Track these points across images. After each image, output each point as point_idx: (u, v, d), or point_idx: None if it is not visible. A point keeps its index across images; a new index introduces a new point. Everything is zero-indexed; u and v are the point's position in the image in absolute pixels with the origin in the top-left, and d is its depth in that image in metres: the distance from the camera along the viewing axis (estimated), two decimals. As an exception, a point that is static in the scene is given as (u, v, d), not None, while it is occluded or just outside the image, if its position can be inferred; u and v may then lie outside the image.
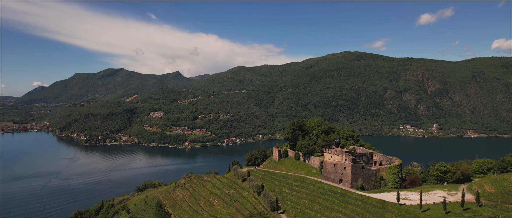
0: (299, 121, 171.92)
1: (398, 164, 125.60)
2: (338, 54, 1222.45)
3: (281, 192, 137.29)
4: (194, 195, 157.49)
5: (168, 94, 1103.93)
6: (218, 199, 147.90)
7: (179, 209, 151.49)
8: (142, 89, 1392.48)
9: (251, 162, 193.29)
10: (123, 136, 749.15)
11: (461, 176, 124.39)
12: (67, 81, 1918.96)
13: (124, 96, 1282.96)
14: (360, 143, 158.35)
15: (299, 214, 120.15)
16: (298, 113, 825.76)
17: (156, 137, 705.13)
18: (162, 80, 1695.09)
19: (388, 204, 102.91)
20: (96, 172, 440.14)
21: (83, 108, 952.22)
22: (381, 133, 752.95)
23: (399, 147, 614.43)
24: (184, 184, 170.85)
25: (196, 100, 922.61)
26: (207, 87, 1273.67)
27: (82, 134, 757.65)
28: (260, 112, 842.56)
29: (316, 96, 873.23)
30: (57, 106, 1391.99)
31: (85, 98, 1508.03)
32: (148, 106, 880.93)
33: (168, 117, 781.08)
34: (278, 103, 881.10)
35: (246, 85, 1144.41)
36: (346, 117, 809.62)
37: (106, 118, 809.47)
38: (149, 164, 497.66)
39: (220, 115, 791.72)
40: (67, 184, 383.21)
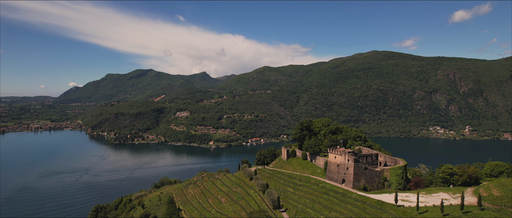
0: (307, 121, 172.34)
1: (402, 165, 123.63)
2: (366, 53, 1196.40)
3: (285, 191, 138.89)
4: (204, 193, 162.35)
5: (194, 94, 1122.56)
6: (226, 197, 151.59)
7: (189, 206, 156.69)
8: (170, 89, 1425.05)
9: (261, 161, 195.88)
10: (151, 135, 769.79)
11: (468, 179, 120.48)
12: (99, 81, 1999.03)
13: (152, 96, 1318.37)
14: (368, 144, 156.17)
15: (299, 213, 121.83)
16: (323, 113, 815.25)
17: (182, 136, 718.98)
18: (189, 80, 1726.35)
19: (387, 205, 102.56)
20: (123, 170, 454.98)
21: (113, 107, 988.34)
22: (409, 134, 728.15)
23: (428, 149, 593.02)
24: (196, 182, 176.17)
25: (222, 100, 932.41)
26: (233, 87, 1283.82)
27: (111, 132, 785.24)
28: (284, 112, 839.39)
29: (342, 97, 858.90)
30: (90, 106, 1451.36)
31: (116, 98, 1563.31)
32: (175, 106, 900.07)
33: (193, 116, 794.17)
34: (303, 104, 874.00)
35: (271, 85, 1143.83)
36: (373, 118, 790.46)
37: (135, 117, 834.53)
38: (174, 162, 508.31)
39: (245, 115, 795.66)
40: (96, 180, 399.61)
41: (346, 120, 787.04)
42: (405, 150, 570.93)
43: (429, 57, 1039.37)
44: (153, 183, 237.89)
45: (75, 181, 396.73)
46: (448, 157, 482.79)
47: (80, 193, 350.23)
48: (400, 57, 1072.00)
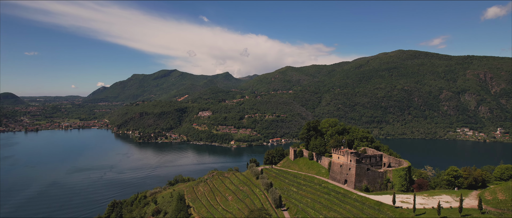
0: (314, 121, 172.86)
1: (406, 166, 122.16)
2: (390, 53, 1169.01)
3: (289, 190, 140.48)
4: (213, 190, 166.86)
5: (217, 94, 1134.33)
6: (233, 195, 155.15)
7: (198, 203, 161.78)
8: (193, 89, 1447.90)
9: (269, 161, 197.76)
10: (173, 134, 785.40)
11: (473, 181, 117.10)
12: (125, 81, 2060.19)
13: (176, 96, 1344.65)
14: (375, 144, 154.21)
15: (299, 212, 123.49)
16: (346, 114, 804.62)
17: (203, 135, 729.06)
18: (212, 80, 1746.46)
19: (384, 206, 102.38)
20: (145, 168, 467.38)
21: (138, 107, 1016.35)
22: (435, 136, 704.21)
23: (454, 151, 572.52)
24: (206, 180, 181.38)
25: (243, 100, 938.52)
26: (255, 87, 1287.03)
27: (136, 131, 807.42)
28: (306, 113, 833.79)
29: (365, 97, 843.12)
30: (116, 105, 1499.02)
31: (141, 97, 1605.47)
32: (198, 105, 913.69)
33: (215, 116, 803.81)
34: (325, 104, 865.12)
35: (293, 86, 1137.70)
36: (397, 119, 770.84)
37: (158, 116, 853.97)
38: (195, 161, 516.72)
39: (266, 115, 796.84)
40: (119, 177, 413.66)
41: (369, 121, 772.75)
42: (428, 152, 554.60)
43: (457, 56, 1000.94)
44: (168, 181, 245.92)
45: (100, 177, 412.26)
46: (476, 159, 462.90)
47: (104, 189, 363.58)
48: (426, 56, 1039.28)
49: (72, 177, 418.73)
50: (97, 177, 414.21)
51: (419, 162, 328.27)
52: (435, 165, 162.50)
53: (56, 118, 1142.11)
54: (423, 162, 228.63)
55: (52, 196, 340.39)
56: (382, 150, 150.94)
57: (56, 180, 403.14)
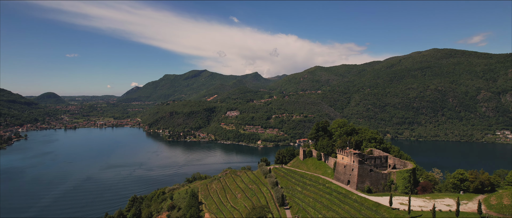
0: (322, 122, 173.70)
1: (410, 168, 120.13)
2: (424, 52, 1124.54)
3: (294, 189, 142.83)
4: (224, 188, 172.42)
5: (245, 94, 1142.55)
6: (242, 193, 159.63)
7: (210, 199, 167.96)
8: (222, 89, 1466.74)
9: (279, 160, 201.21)
10: (202, 133, 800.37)
11: (480, 185, 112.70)
12: (157, 81, 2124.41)
13: (205, 96, 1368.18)
14: (383, 146, 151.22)
15: (300, 211, 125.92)
16: (375, 114, 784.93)
17: (231, 135, 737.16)
18: (241, 80, 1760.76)
19: (382, 207, 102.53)
20: (173, 165, 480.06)
21: (168, 106, 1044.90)
22: (471, 139, 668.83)
23: (493, 156, 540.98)
24: (220, 178, 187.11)
25: (271, 100, 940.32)
26: (283, 87, 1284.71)
27: (166, 130, 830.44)
28: (334, 113, 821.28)
29: (396, 97, 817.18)
30: (149, 105, 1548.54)
31: (172, 97, 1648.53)
32: (226, 105, 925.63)
33: (243, 116, 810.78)
34: (354, 104, 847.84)
35: (322, 86, 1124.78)
36: (429, 120, 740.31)
37: (188, 116, 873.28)
38: (221, 160, 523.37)
39: (294, 115, 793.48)
40: (147, 174, 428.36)
41: (400, 122, 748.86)
42: (463, 156, 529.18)
43: (499, 54, 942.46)
44: (186, 178, 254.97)
45: (129, 174, 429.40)
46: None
47: (132, 185, 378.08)
48: (463, 55, 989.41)
49: (105, 173, 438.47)
50: (127, 174, 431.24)
51: (451, 165, 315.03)
52: (469, 168, 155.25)
53: (92, 117, 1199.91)
54: (456, 166, 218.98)
55: (86, 191, 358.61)
56: (391, 151, 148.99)
57: (90, 175, 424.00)
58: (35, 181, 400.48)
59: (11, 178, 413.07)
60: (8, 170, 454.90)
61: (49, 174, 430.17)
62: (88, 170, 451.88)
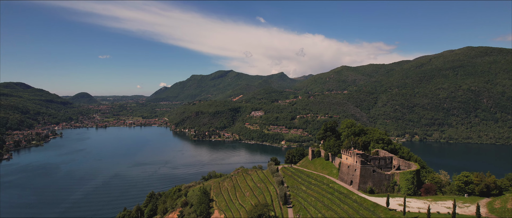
0: (330, 122, 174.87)
1: (413, 170, 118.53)
2: (457, 50, 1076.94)
3: (298, 188, 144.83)
4: (235, 186, 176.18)
5: (270, 94, 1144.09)
6: (250, 191, 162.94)
7: (220, 197, 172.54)
8: (248, 89, 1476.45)
9: (289, 160, 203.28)
10: (227, 133, 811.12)
11: (485, 188, 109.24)
12: (184, 82, 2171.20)
13: (231, 96, 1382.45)
14: (391, 147, 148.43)
15: (301, 210, 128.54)
16: (403, 115, 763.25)
17: (255, 135, 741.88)
18: (267, 80, 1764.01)
19: (379, 208, 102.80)
20: (198, 164, 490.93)
21: (194, 106, 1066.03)
22: (507, 141, 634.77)
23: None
24: (232, 176, 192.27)
25: (296, 101, 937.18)
26: (309, 87, 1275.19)
27: (192, 129, 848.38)
28: (360, 114, 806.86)
29: (425, 98, 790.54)
30: (176, 104, 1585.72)
31: (199, 97, 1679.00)
32: (251, 105, 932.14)
33: (267, 116, 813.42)
34: (381, 105, 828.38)
35: (348, 86, 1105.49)
36: (461, 122, 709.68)
37: (213, 116, 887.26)
38: (244, 160, 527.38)
39: (318, 115, 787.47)
40: (172, 172, 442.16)
41: (429, 123, 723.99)
42: (498, 160, 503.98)
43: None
44: (202, 176, 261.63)
45: (154, 172, 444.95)
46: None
47: (157, 182, 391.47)
48: (500, 53, 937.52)
49: (132, 170, 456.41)
50: (153, 171, 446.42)
51: (484, 169, 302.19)
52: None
53: (122, 116, 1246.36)
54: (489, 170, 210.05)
55: (113, 187, 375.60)
56: (400, 153, 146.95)
57: (118, 172, 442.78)
58: (68, 176, 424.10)
59: (47, 173, 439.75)
60: (45, 165, 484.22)
61: (80, 170, 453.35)
62: (116, 167, 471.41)
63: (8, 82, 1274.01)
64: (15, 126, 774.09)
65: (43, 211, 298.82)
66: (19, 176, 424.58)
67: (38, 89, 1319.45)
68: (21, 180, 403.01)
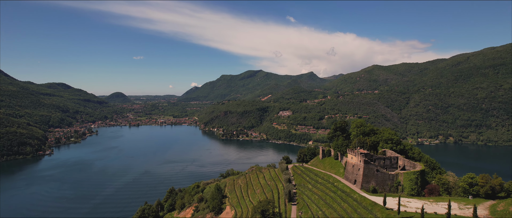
0: (340, 122, 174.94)
1: (417, 170, 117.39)
2: (499, 47, 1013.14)
3: (305, 186, 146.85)
4: (248, 184, 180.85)
5: (299, 94, 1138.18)
6: (261, 188, 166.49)
7: (233, 194, 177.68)
8: (277, 89, 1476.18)
9: (301, 159, 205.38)
10: (254, 132, 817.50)
11: (490, 190, 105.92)
12: (214, 82, 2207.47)
13: (260, 96, 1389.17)
14: (400, 147, 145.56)
15: (304, 207, 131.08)
16: (437, 116, 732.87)
17: (282, 135, 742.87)
18: (296, 80, 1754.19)
19: (377, 207, 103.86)
20: (224, 163, 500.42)
21: (223, 106, 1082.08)
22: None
23: None
24: (246, 174, 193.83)
25: (325, 100, 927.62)
26: (339, 87, 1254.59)
27: (220, 129, 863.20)
28: (391, 114, 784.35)
29: (461, 98, 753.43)
30: (206, 104, 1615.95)
31: (228, 97, 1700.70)
32: (279, 105, 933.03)
33: (295, 116, 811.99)
34: (413, 105, 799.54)
35: (380, 85, 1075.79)
36: (502, 123, 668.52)
37: (241, 115, 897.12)
38: (270, 159, 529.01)
39: (347, 116, 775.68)
40: (199, 170, 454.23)
41: (465, 124, 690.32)
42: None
43: None
44: (220, 173, 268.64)
45: (182, 169, 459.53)
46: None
47: (184, 179, 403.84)
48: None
49: (161, 168, 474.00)
50: (180, 169, 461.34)
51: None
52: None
53: (154, 115, 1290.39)
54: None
55: (142, 183, 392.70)
56: (410, 153, 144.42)
57: (148, 169, 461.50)
58: (101, 172, 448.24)
59: (83, 168, 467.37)
60: (81, 161, 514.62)
61: (113, 167, 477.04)
62: (146, 165, 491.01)
63: (51, 83, 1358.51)
64: (56, 124, 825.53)
65: (78, 204, 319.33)
66: (58, 170, 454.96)
67: (77, 89, 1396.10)
68: (60, 174, 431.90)
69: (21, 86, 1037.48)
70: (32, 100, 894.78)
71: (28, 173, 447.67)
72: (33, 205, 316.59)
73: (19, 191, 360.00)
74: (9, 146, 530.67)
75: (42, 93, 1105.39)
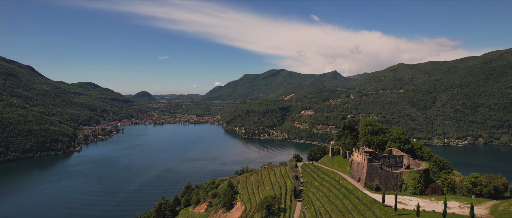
0: (349, 121, 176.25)
1: (421, 169, 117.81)
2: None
3: (312, 184, 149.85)
4: (259, 180, 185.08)
5: (322, 93, 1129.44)
6: (270, 185, 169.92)
7: (245, 190, 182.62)
8: (299, 88, 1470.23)
9: (311, 157, 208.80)
10: (276, 131, 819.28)
11: (493, 190, 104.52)
12: (237, 81, 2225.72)
13: (282, 95, 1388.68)
14: (408, 146, 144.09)
15: (308, 203, 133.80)
16: (465, 116, 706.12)
17: (304, 134, 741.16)
18: (319, 79, 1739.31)
19: (376, 204, 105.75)
20: (244, 161, 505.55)
21: (245, 105, 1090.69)
22: None
23: None
24: (259, 171, 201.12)
25: (347, 100, 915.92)
26: (362, 86, 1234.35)
27: (242, 127, 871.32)
28: (417, 114, 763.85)
29: (493, 97, 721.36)
30: (229, 103, 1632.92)
31: (251, 96, 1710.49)
32: (301, 104, 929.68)
33: (317, 115, 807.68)
34: (440, 105, 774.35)
35: (405, 84, 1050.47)
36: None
37: (263, 114, 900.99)
38: (290, 159, 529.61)
39: (371, 115, 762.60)
40: (219, 168, 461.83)
41: (496, 125, 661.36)
42: None
43: None
44: (235, 171, 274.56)
45: (203, 167, 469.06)
46: None
47: (204, 177, 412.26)
48: None
49: (183, 165, 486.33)
50: (201, 167, 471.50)
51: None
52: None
53: (178, 114, 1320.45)
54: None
55: (164, 180, 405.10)
56: (418, 153, 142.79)
57: (170, 167, 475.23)
58: (126, 169, 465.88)
59: (109, 165, 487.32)
60: (107, 158, 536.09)
61: (137, 164, 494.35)
62: (169, 162, 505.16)
63: (80, 82, 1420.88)
64: (85, 122, 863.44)
65: (104, 199, 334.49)
66: (86, 166, 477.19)
67: (104, 88, 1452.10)
68: (88, 170, 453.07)
69: (53, 86, 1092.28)
70: (64, 99, 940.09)
71: (59, 168, 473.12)
72: (63, 198, 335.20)
73: (51, 185, 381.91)
74: (42, 142, 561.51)
75: (73, 92, 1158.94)
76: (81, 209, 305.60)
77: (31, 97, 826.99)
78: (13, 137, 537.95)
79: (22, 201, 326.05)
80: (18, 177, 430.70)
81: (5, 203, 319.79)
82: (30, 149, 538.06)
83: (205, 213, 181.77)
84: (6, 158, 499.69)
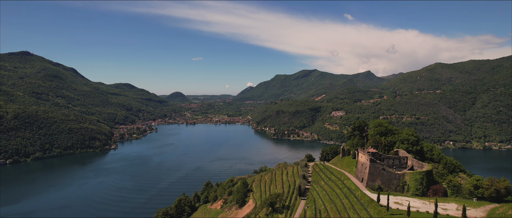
0: (358, 122, 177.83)
1: (423, 170, 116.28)
2: None
3: (318, 183, 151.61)
4: (272, 179, 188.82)
5: (354, 94, 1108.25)
6: (281, 184, 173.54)
7: (258, 188, 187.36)
8: (331, 88, 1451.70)
9: (323, 157, 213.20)
10: (305, 132, 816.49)
11: (494, 193, 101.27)
12: (269, 81, 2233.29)
13: (314, 96, 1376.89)
14: (417, 148, 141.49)
15: (311, 201, 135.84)
16: (509, 118, 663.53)
17: (334, 135, 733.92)
18: (352, 80, 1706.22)
19: (372, 203, 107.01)
20: (272, 161, 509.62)
21: (275, 105, 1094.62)
22: None
23: None
24: (273, 170, 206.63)
25: (380, 101, 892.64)
26: (397, 86, 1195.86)
27: (272, 128, 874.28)
28: (454, 116, 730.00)
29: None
30: (260, 104, 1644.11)
31: (282, 96, 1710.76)
32: (331, 105, 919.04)
33: (348, 116, 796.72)
34: (480, 106, 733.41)
35: (443, 85, 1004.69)
36: None
37: (293, 115, 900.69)
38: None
39: (404, 117, 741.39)
40: (246, 167, 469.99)
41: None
42: None
43: None
44: (254, 170, 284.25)
45: (230, 167, 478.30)
46: None
47: (229, 175, 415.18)
48: None
49: (212, 164, 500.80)
50: (229, 166, 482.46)
51: None
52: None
53: (210, 114, 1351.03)
54: None
55: (193, 178, 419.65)
56: (428, 155, 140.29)
57: (200, 165, 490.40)
58: (158, 167, 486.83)
59: (142, 163, 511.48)
60: (141, 156, 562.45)
61: (169, 162, 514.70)
62: (199, 161, 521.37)
63: (118, 83, 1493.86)
64: (121, 121, 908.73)
65: (136, 195, 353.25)
66: (121, 164, 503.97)
67: (140, 89, 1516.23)
68: (123, 167, 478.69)
69: (93, 87, 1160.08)
70: (102, 99, 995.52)
71: (96, 165, 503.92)
72: (99, 194, 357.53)
73: (88, 180, 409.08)
74: (82, 140, 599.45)
75: (110, 92, 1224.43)
76: (113, 205, 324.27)
77: (73, 97, 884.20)
78: (57, 134, 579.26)
79: (64, 194, 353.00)
80: (60, 172, 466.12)
81: (49, 195, 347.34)
82: (71, 146, 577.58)
83: (221, 210, 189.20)
84: (50, 154, 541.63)
